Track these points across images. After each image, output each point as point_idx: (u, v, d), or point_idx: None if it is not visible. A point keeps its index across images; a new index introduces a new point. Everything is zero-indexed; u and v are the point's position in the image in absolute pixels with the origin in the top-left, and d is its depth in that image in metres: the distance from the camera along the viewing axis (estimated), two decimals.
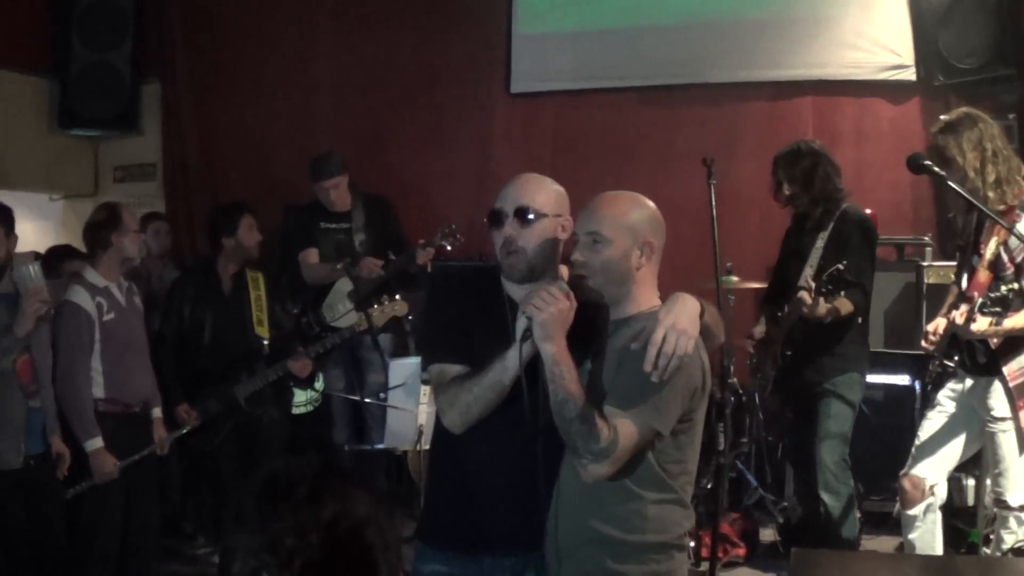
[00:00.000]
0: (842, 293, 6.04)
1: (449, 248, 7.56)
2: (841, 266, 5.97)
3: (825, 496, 6.34)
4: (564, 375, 3.29)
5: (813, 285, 6.04)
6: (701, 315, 3.44)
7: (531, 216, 3.65)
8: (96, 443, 6.01)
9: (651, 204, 3.61)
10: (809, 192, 6.43)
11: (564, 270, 3.69)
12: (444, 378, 3.66)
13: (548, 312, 3.30)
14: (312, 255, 8.08)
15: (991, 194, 5.24)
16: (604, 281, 3.49)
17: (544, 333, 3.31)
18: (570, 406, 3.27)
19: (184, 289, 7.27)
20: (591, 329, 3.60)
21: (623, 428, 3.27)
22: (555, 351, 3.31)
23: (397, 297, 6.81)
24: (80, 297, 6.11)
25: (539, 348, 3.34)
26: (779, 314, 6.55)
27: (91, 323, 6.10)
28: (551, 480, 3.59)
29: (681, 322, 3.33)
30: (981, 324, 5.02)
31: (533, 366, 3.42)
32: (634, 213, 3.53)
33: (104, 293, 6.21)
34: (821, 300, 6.01)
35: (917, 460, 5.61)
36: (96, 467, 6.01)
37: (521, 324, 3.38)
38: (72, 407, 6.01)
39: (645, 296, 3.54)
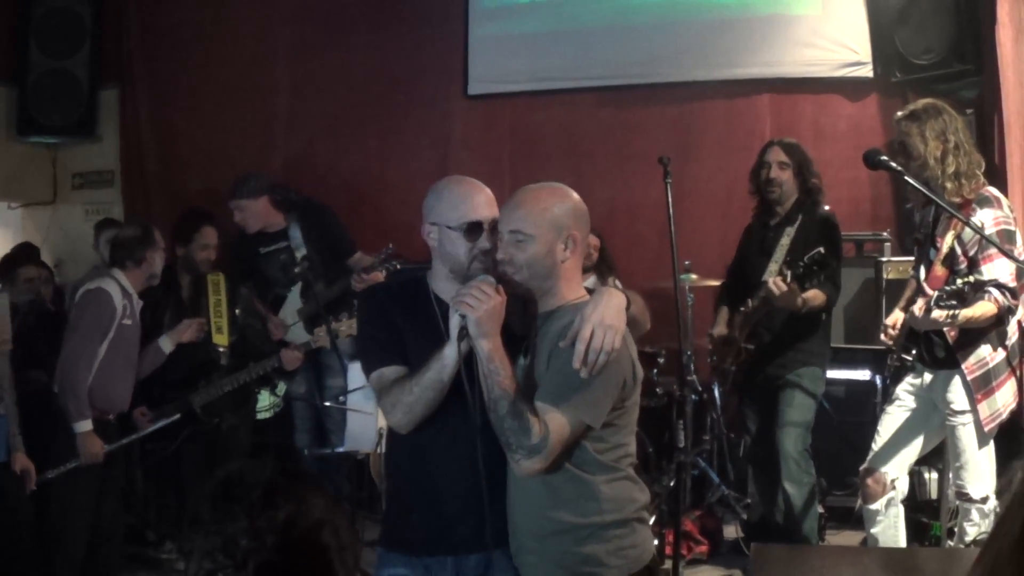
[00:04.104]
0: (822, 277, 6.05)
1: (384, 275, 7.15)
2: (823, 249, 5.97)
3: (788, 486, 6.37)
4: (499, 371, 3.31)
5: (788, 272, 6.00)
6: (627, 307, 3.49)
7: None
8: (86, 424, 6.07)
9: (574, 195, 3.63)
10: (798, 179, 6.48)
11: None
12: (384, 381, 3.64)
13: (482, 309, 3.31)
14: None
15: (949, 185, 5.26)
16: (529, 276, 3.52)
17: (480, 330, 3.32)
18: (504, 403, 3.29)
19: (143, 295, 7.24)
20: (521, 324, 3.62)
21: (554, 423, 3.31)
22: (491, 347, 3.33)
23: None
24: (113, 288, 6.24)
25: (475, 345, 3.35)
26: (741, 308, 6.54)
27: (112, 317, 6.20)
28: (498, 475, 3.58)
29: (608, 317, 3.37)
30: (937, 316, 5.03)
31: (470, 364, 3.42)
32: (556, 207, 3.55)
33: (130, 299, 6.34)
34: (796, 286, 5.99)
35: (878, 455, 5.64)
36: (83, 449, 6.05)
37: (455, 323, 3.38)
38: (71, 386, 6.07)
39: (571, 288, 3.58)
